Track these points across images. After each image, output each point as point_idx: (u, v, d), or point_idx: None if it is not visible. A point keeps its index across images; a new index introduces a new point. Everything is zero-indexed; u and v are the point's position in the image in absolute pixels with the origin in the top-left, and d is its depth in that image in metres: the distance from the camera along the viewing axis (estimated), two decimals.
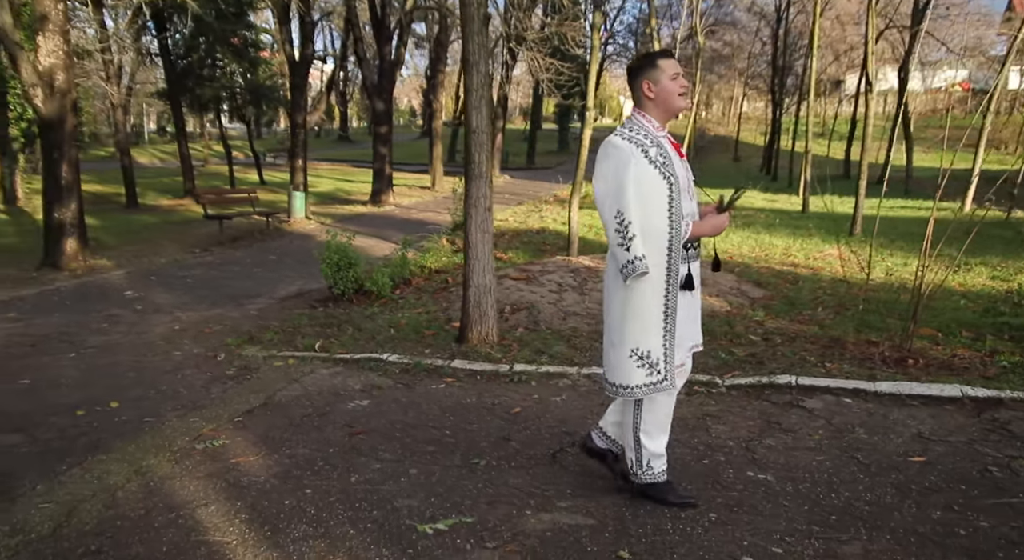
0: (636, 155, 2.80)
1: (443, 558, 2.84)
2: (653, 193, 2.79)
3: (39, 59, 10.43)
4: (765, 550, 2.86)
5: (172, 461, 3.79)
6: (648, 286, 2.87)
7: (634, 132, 2.88)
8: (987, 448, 3.79)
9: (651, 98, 2.89)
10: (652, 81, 2.87)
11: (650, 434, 3.09)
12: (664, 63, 2.87)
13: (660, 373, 2.94)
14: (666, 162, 2.82)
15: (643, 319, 2.90)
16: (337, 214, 18.63)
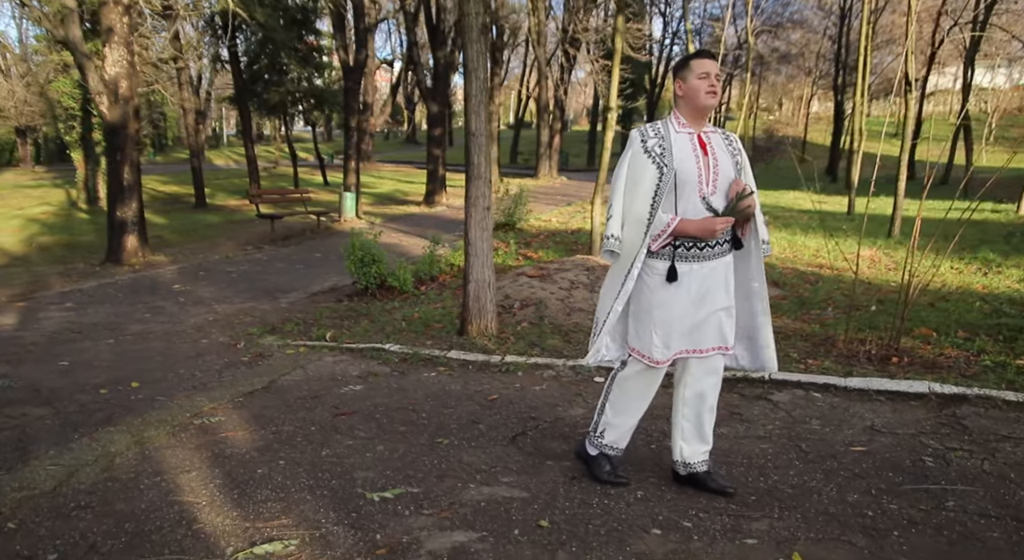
0: (636, 144, 2.98)
1: (381, 521, 3.14)
2: (641, 180, 2.93)
3: (105, 68, 11.19)
4: (675, 523, 3.07)
5: (169, 434, 4.20)
6: (620, 266, 3.02)
7: (650, 126, 3.03)
8: (932, 440, 3.89)
9: (680, 96, 3.00)
10: (682, 79, 2.98)
11: (615, 408, 3.26)
12: (695, 63, 2.96)
13: (593, 344, 3.18)
14: (664, 153, 2.91)
15: (606, 294, 3.12)
16: (388, 214, 19.19)
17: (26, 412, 4.65)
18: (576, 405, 4.59)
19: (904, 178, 11.69)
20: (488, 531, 3.03)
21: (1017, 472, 3.49)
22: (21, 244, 16.13)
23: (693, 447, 3.28)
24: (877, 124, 50.84)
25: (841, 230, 12.41)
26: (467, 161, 5.78)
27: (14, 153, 46.89)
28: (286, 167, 38.06)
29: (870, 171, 11.26)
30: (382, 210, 20.17)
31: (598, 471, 3.38)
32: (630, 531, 3.02)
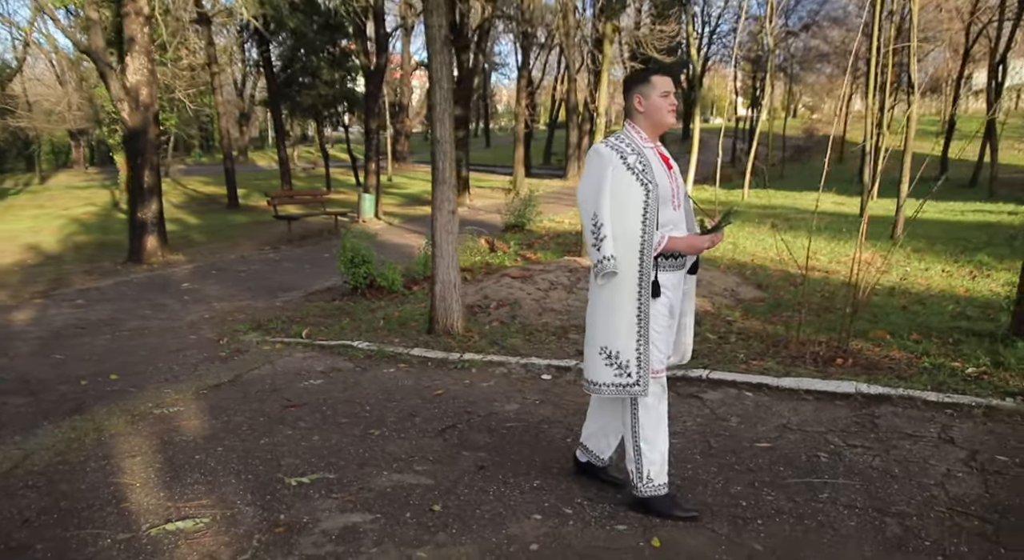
0: (615, 161, 2.93)
1: (290, 503, 3.42)
2: (628, 198, 2.90)
3: (127, 77, 11.72)
4: (558, 510, 3.30)
5: (128, 422, 4.55)
6: (621, 288, 2.96)
7: (619, 141, 3.00)
8: (837, 438, 4.04)
9: (640, 111, 3.01)
10: (643, 95, 2.99)
11: (650, 442, 3.11)
12: (657, 80, 2.98)
13: (631, 376, 2.99)
14: (645, 170, 2.92)
15: (614, 320, 3.00)
16: (409, 215, 19.57)
17: (7, 401, 5.04)
18: (513, 401, 4.82)
19: (907, 179, 11.63)
20: (383, 513, 3.29)
21: (902, 468, 3.63)
22: (59, 243, 16.86)
23: (612, 441, 3.44)
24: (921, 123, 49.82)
25: (848, 232, 12.38)
26: (433, 166, 6.04)
27: (69, 155, 48.68)
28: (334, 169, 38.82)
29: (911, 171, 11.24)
30: (405, 211, 20.58)
31: (671, 512, 3.16)
32: (512, 516, 3.25)
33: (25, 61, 40.48)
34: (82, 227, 19.60)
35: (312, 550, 2.98)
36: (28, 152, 42.71)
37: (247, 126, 50.30)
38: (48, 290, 9.98)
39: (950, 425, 4.16)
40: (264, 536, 3.11)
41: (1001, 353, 5.09)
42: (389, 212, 19.17)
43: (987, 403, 4.36)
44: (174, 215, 21.72)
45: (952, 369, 5.01)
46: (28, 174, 41.98)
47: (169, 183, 32.52)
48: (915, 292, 8.06)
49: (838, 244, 11.34)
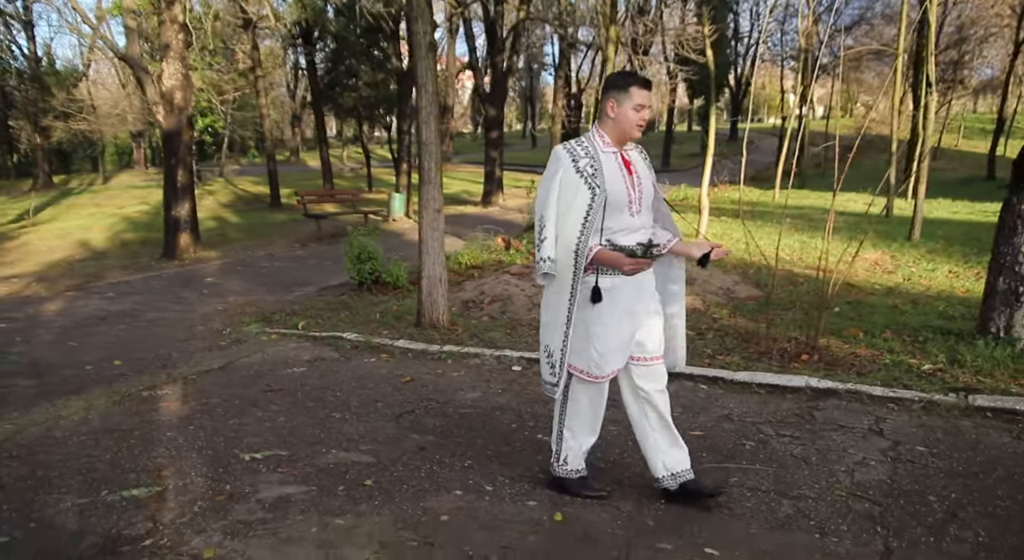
0: (566, 163, 2.93)
1: (238, 475, 3.72)
2: (573, 201, 2.90)
3: (162, 81, 12.29)
4: (479, 487, 3.53)
5: (116, 403, 4.92)
6: (559, 290, 3.00)
7: (577, 144, 3.00)
8: (770, 428, 4.19)
9: (610, 117, 2.97)
10: (617, 102, 2.94)
11: (573, 431, 3.23)
12: (635, 91, 2.92)
13: (555, 376, 3.11)
14: (595, 174, 2.90)
15: (552, 319, 3.07)
16: None
17: (16, 383, 5.47)
18: (476, 390, 5.06)
19: (925, 178, 11.51)
20: (318, 486, 3.57)
21: (820, 456, 3.77)
22: (106, 240, 17.67)
23: (674, 455, 3.24)
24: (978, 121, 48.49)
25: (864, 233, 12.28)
26: (420, 167, 6.32)
27: (131, 156, 50.54)
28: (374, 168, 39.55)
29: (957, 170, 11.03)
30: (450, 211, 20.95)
31: (578, 492, 3.33)
32: (435, 491, 3.50)
33: (90, 66, 42.25)
34: (131, 225, 20.43)
35: (243, 516, 3.27)
36: (92, 153, 44.42)
37: (299, 127, 51.42)
38: (83, 284, 10.57)
39: (885, 418, 4.27)
40: (205, 503, 3.41)
41: (959, 351, 5.15)
42: None
43: (929, 398, 4.45)
44: (217, 213, 22.50)
45: (910, 366, 5.09)
46: (93, 174, 43.72)
47: (221, 183, 33.57)
48: (914, 292, 8.06)
49: (851, 245, 11.27)
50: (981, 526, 3.02)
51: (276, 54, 26.81)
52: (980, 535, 2.95)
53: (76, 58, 44.81)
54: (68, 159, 50.63)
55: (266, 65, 25.91)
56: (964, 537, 2.94)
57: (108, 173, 44.01)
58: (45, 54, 43.28)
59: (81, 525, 3.22)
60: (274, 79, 39.93)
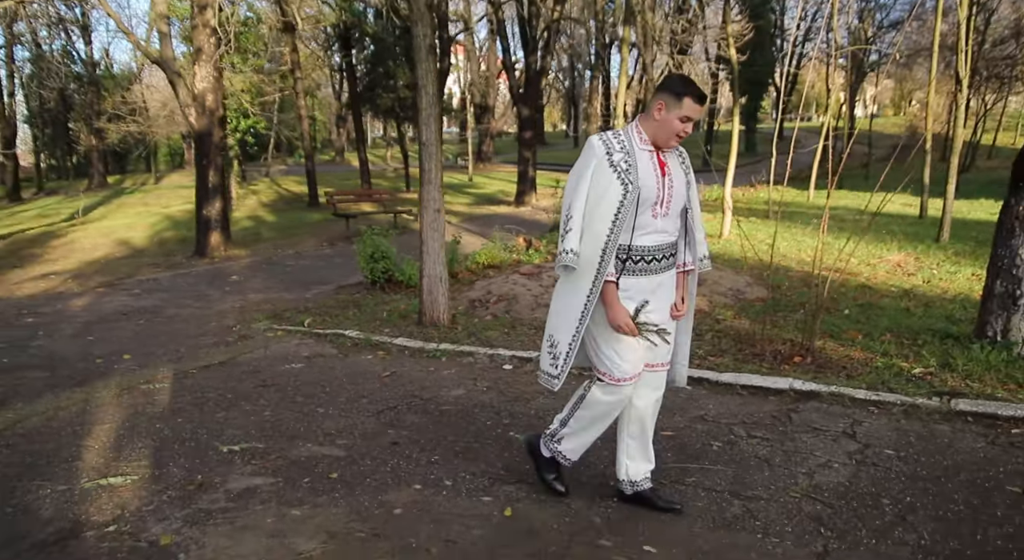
0: (600, 155, 2.86)
1: (213, 466, 3.85)
2: (604, 195, 2.82)
3: (194, 84, 12.63)
4: (439, 481, 3.60)
5: (116, 395, 5.11)
6: (577, 283, 2.92)
7: (614, 136, 2.92)
8: (741, 429, 4.19)
9: (656, 118, 2.89)
10: (667, 106, 2.86)
11: (579, 422, 3.17)
12: (688, 103, 2.83)
13: (556, 368, 3.04)
14: (629, 169, 2.83)
15: (563, 311, 3.00)
16: (474, 214, 20.07)
17: (28, 375, 5.72)
18: (462, 387, 5.14)
19: (954, 178, 11.23)
20: (284, 478, 3.68)
21: (784, 458, 3.76)
22: (147, 239, 18.18)
23: (638, 466, 3.24)
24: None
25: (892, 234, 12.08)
26: (420, 167, 6.41)
27: (183, 156, 51.89)
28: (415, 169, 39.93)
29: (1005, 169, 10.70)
30: (472, 210, 21.10)
31: (544, 472, 3.35)
32: (396, 485, 3.58)
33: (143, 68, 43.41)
34: (172, 224, 20.95)
35: (207, 505, 3.39)
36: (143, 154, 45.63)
37: (343, 127, 52.11)
38: (113, 280, 10.93)
39: (862, 421, 4.23)
40: (175, 492, 3.54)
41: (952, 355, 5.07)
42: (453, 211, 19.72)
43: (912, 401, 4.39)
44: (256, 213, 22.97)
45: (900, 369, 5.02)
46: (146, 175, 44.97)
47: (266, 183, 34.24)
48: (930, 295, 7.89)
49: (878, 246, 11.09)
50: (927, 529, 2.99)
51: (316, 56, 27.23)
52: (924, 538, 2.93)
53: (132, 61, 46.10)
54: (124, 160, 52.24)
55: (306, 67, 26.34)
56: (907, 540, 2.92)
57: (160, 173, 45.16)
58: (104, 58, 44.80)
59: (55, 511, 3.38)
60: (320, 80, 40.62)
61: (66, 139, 48.18)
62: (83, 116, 39.02)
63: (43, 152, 52.78)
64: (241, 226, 19.57)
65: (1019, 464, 3.58)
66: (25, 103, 46.50)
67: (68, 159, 54.29)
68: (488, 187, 29.32)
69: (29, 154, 50.65)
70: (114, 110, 30.15)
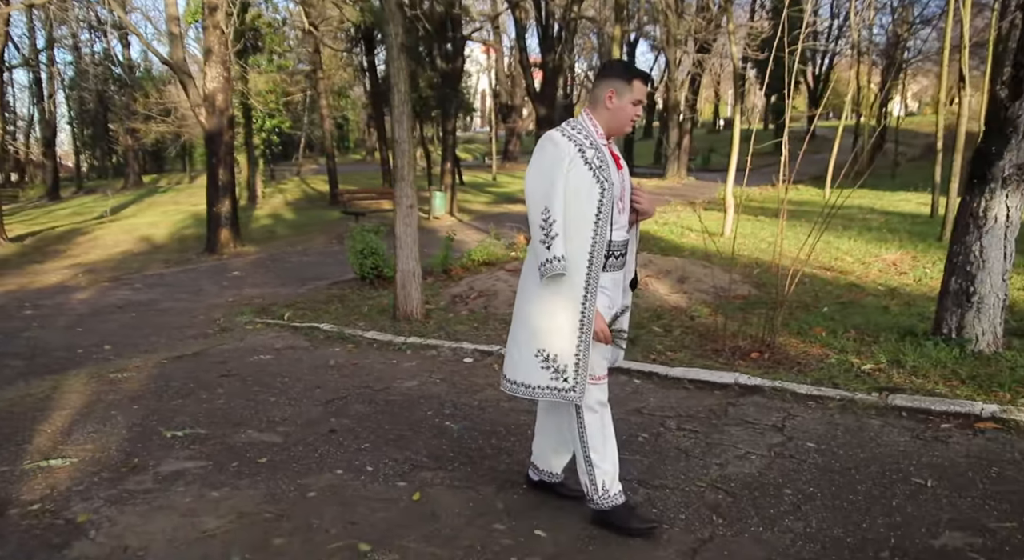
0: (573, 154, 2.72)
1: (152, 451, 3.99)
2: (584, 195, 2.72)
3: (205, 84, 12.91)
4: (362, 467, 3.70)
5: (84, 383, 5.29)
6: (565, 289, 2.77)
7: (576, 131, 2.80)
8: (673, 422, 4.22)
9: (608, 108, 2.80)
10: (617, 93, 2.79)
11: (599, 451, 2.95)
12: (637, 85, 2.79)
13: (568, 381, 2.82)
14: (602, 166, 2.73)
15: (554, 321, 2.82)
16: (487, 212, 20.20)
17: (8, 363, 5.94)
18: (416, 379, 5.23)
19: (958, 176, 11.04)
20: (215, 462, 3.80)
21: (704, 450, 3.79)
22: (168, 236, 18.61)
23: (561, 458, 3.23)
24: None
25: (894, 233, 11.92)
26: (393, 165, 6.52)
27: None
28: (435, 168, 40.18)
29: None
30: (489, 208, 21.22)
31: (628, 522, 2.97)
32: (319, 470, 3.69)
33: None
34: (196, 221, 21.37)
35: (133, 486, 3.53)
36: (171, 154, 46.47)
37: (373, 127, 52.56)
38: (120, 275, 11.23)
39: (796, 415, 4.24)
40: (108, 474, 3.68)
41: (904, 351, 5.05)
42: (468, 209, 19.87)
43: (851, 396, 4.39)
44: (277, 211, 23.34)
45: (851, 365, 5.02)
46: (181, 174, 45.85)
47: (296, 182, 34.73)
48: (916, 294, 7.81)
49: (876, 245, 10.97)
50: (818, 518, 3.02)
51: (340, 56, 27.58)
52: (811, 526, 2.95)
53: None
54: (161, 160, 53.31)
55: (330, 68, 26.70)
56: (793, 528, 2.95)
57: (196, 172, 45.92)
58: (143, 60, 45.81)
59: None
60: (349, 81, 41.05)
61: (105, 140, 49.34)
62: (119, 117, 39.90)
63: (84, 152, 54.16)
64: (260, 224, 19.92)
65: (933, 457, 3.58)
66: (66, 104, 47.80)
67: (108, 159, 55.60)
68: (510, 186, 29.39)
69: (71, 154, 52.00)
70: (145, 111, 30.78)
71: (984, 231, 4.88)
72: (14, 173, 51.64)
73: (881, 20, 38.66)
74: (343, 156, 55.85)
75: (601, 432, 2.96)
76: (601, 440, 2.95)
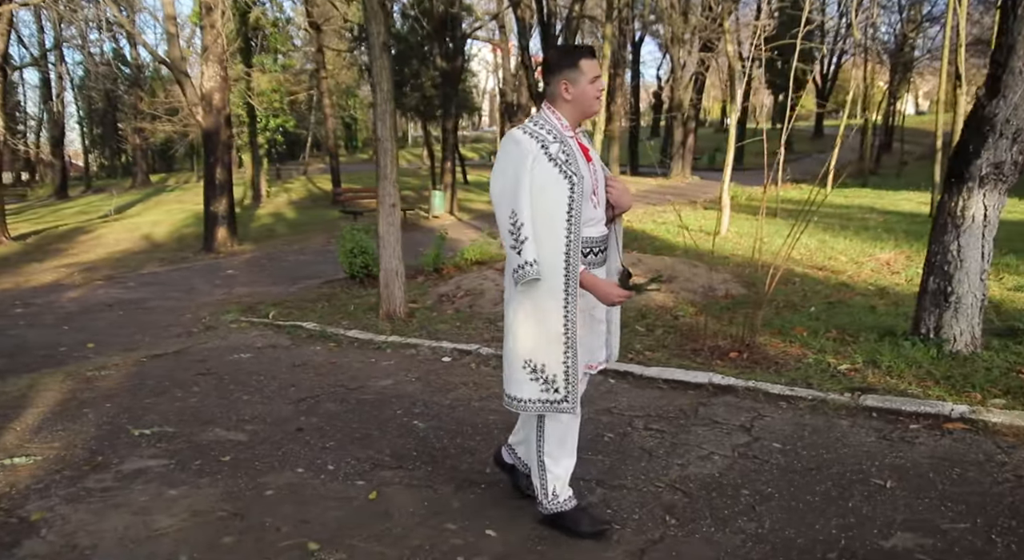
0: (536, 152, 2.61)
1: (117, 449, 3.99)
2: (552, 193, 2.60)
3: (202, 83, 12.94)
4: (323, 466, 3.69)
5: (61, 381, 5.30)
6: (545, 294, 2.64)
7: (538, 127, 2.68)
8: (641, 422, 4.19)
9: (567, 99, 2.70)
10: (571, 81, 2.67)
11: (554, 457, 2.88)
12: (586, 65, 2.66)
13: (559, 392, 2.72)
14: (569, 160, 2.62)
15: (538, 329, 2.69)
16: (485, 211, 20.15)
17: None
18: (391, 378, 5.22)
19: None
20: (178, 461, 3.80)
21: (669, 450, 3.76)
22: (168, 235, 18.69)
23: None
24: None
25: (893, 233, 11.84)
26: (376, 163, 6.52)
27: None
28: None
29: None
30: (489, 208, 21.09)
31: (578, 525, 2.92)
32: (280, 469, 3.68)
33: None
34: (196, 220, 21.38)
35: (92, 484, 3.53)
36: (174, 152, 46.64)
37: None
38: (116, 274, 11.27)
39: (765, 416, 4.21)
40: (70, 472, 3.69)
41: (880, 352, 5.01)
42: (469, 208, 19.87)
43: (822, 397, 4.36)
44: (279, 210, 23.40)
45: (828, 365, 4.98)
46: (189, 173, 46.02)
47: (302, 181, 34.86)
48: (906, 294, 7.73)
49: (871, 244, 10.90)
50: (771, 518, 2.99)
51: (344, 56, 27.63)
52: (763, 527, 2.93)
53: None
54: (171, 158, 53.58)
55: (335, 67, 26.74)
56: (745, 529, 2.92)
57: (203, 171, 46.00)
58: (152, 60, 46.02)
59: None
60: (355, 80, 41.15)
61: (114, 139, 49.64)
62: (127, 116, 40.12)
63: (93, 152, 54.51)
64: (261, 223, 19.98)
65: (897, 458, 3.54)
66: (75, 104, 48.10)
67: (117, 158, 55.94)
68: None
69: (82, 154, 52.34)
70: (151, 110, 30.93)
71: (962, 230, 4.84)
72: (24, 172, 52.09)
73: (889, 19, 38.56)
74: (351, 155, 56.07)
75: (560, 440, 2.88)
76: (558, 446, 2.88)
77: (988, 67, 4.74)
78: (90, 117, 50.12)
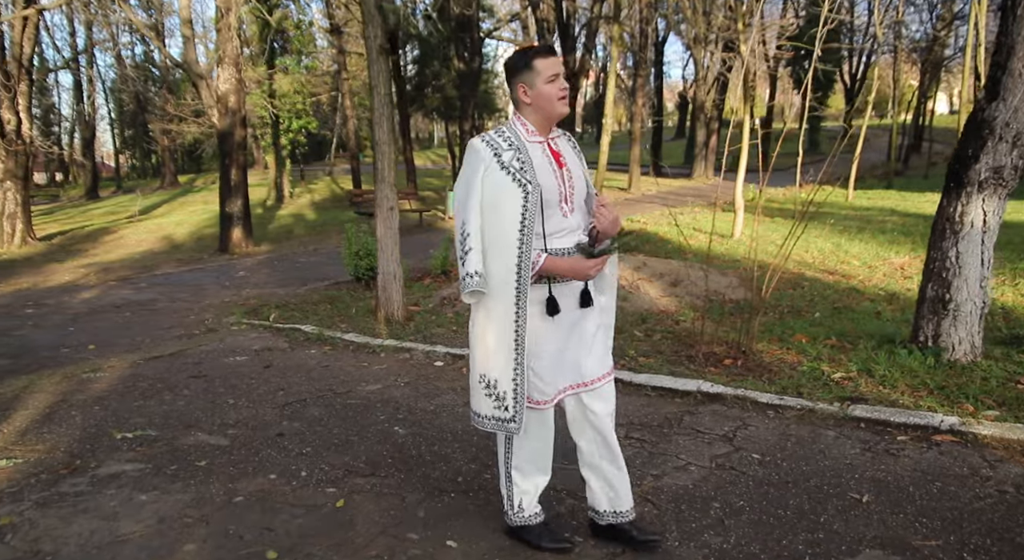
0: (488, 159, 2.52)
1: (97, 452, 4.01)
2: (502, 202, 2.49)
3: (217, 85, 13.04)
4: (296, 473, 3.67)
5: (56, 382, 5.36)
6: (495, 310, 2.55)
7: (497, 135, 2.59)
8: (622, 431, 4.12)
9: (527, 103, 2.56)
10: (527, 84, 2.53)
11: (524, 471, 2.81)
12: (540, 64, 2.52)
13: (508, 411, 2.60)
14: (524, 168, 2.50)
15: (489, 344, 2.60)
16: None
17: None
18: (381, 382, 5.21)
19: None
20: (155, 465, 3.81)
21: (645, 459, 3.70)
22: (189, 235, 18.87)
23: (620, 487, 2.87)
24: None
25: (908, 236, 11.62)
26: (374, 167, 6.51)
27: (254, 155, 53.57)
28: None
29: None
30: None
31: (540, 541, 2.86)
32: (254, 474, 3.67)
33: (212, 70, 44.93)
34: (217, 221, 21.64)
35: (66, 489, 3.54)
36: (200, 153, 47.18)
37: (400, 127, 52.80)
38: (129, 275, 11.39)
39: (750, 425, 4.13)
40: (48, 475, 3.70)
41: (874, 360, 4.89)
42: None
43: (811, 406, 4.27)
44: (300, 211, 23.55)
45: (822, 373, 4.87)
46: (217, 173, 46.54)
47: (327, 182, 35.07)
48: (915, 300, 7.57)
49: (887, 248, 10.70)
50: (738, 533, 2.92)
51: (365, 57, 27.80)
52: (728, 542, 2.86)
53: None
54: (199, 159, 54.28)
55: (354, 69, 26.86)
56: (710, 543, 2.86)
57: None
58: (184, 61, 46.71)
59: None
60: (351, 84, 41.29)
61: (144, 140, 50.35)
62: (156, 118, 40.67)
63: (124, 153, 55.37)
64: (280, 223, 20.12)
65: (878, 471, 3.45)
66: (106, 106, 48.89)
67: (147, 159, 56.75)
68: None
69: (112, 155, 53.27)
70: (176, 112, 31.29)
71: (960, 236, 4.71)
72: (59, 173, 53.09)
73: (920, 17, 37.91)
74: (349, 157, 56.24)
75: (531, 457, 2.78)
76: (529, 462, 2.79)
77: (988, 69, 4.60)
78: (121, 119, 50.91)
